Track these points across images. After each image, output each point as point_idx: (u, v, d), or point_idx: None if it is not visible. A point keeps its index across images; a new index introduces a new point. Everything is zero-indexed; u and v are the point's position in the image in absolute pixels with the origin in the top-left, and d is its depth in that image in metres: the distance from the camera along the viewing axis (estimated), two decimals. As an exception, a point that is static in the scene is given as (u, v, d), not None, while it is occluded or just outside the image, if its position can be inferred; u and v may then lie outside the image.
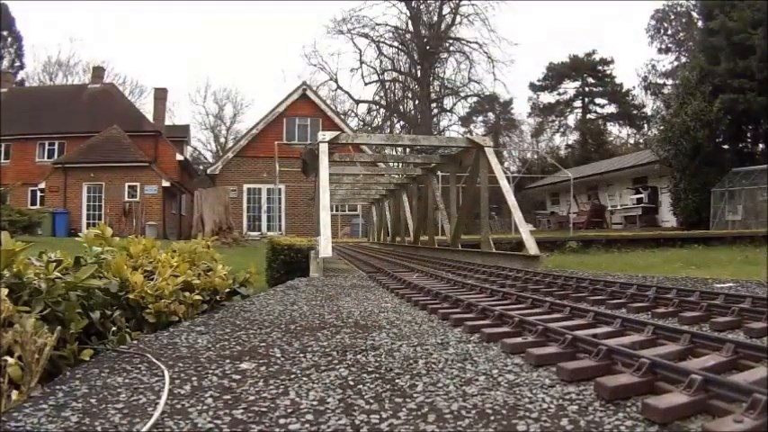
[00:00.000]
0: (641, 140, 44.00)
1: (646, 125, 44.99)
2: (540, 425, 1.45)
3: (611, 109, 48.23)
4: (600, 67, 47.44)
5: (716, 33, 22.36)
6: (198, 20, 64.44)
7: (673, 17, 39.97)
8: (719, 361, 1.90)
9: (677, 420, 1.42)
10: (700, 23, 29.64)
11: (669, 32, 40.65)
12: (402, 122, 44.75)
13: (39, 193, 25.26)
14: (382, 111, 44.33)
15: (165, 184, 25.08)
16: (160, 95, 30.20)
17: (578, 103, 49.28)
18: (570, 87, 49.06)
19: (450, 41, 43.30)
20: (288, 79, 73.27)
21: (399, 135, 31.08)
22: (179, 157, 27.62)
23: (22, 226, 19.22)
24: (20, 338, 1.85)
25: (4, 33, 38.16)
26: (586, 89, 48.57)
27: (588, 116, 48.78)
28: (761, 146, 24.53)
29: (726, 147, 23.52)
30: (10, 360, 1.79)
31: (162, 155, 26.79)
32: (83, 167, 24.32)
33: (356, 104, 43.46)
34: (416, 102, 44.27)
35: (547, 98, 49.77)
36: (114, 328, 2.61)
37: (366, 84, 43.30)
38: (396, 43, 43.21)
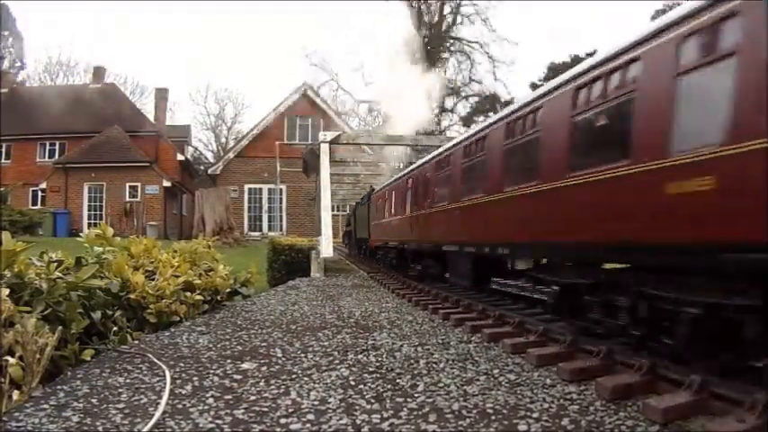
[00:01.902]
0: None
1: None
2: (541, 424, 1.45)
3: (612, 109, 48.13)
4: (601, 67, 47.32)
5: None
6: (198, 20, 64.32)
7: (673, 17, 39.90)
8: None
9: (678, 420, 1.42)
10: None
11: (670, 32, 40.57)
12: (403, 122, 44.67)
13: (40, 194, 25.25)
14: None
15: (166, 184, 25.06)
16: (161, 95, 30.16)
17: (579, 103, 49.19)
18: (571, 87, 48.99)
19: (451, 41, 43.23)
20: (288, 79, 73.18)
21: (400, 135, 31.00)
22: (180, 157, 27.59)
23: (22, 226, 19.27)
24: (21, 338, 1.85)
25: (5, 33, 38.13)
26: (587, 89, 48.47)
27: (589, 116, 48.67)
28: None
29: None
30: (11, 360, 1.79)
31: (163, 155, 26.75)
32: (84, 167, 24.31)
33: (357, 104, 43.45)
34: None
35: (548, 98, 49.68)
36: (115, 328, 2.61)
37: (367, 83, 43.26)
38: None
